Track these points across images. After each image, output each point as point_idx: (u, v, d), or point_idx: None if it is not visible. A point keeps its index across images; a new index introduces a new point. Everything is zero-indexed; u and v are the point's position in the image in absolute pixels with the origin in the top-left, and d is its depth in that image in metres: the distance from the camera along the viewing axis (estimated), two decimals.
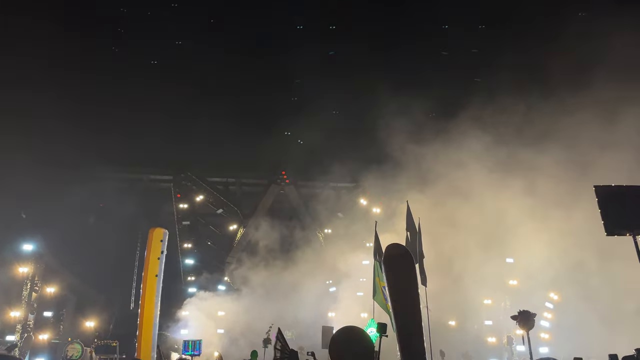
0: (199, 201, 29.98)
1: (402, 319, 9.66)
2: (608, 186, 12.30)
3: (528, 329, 9.14)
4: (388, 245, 11.22)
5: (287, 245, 29.10)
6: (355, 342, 8.15)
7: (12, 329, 22.89)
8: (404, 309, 9.74)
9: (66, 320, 26.80)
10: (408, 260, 10.55)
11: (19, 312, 22.87)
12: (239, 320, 24.48)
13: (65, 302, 26.85)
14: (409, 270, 10.35)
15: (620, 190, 12.22)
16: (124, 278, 30.17)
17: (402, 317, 9.66)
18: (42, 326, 24.42)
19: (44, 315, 24.86)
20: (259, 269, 26.92)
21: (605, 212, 11.81)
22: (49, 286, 24.65)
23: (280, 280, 25.64)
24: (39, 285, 24.08)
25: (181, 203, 29.42)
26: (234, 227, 30.61)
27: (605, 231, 11.49)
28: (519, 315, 9.29)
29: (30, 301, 23.54)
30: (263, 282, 26.23)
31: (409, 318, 9.58)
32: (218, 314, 26.20)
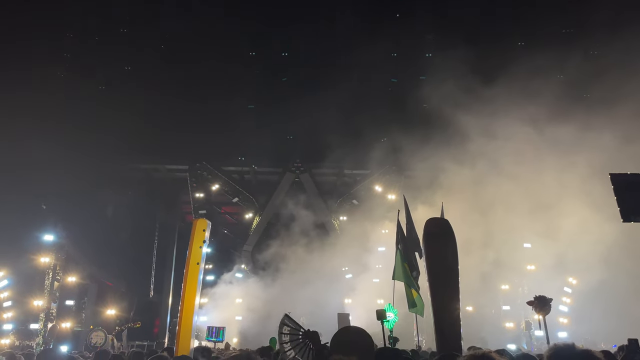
0: (215, 190, 30.18)
1: (440, 301, 9.18)
2: (624, 174, 12.44)
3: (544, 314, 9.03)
4: (428, 220, 10.51)
5: (302, 232, 29.21)
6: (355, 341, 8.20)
7: (35, 318, 23.47)
8: (443, 290, 9.23)
9: (88, 308, 27.38)
10: (450, 236, 9.78)
11: (42, 301, 23.41)
12: (256, 307, 24.75)
13: (86, 291, 27.42)
14: (450, 248, 9.65)
15: (636, 178, 12.39)
16: (143, 267, 30.67)
17: (441, 300, 9.17)
18: (65, 314, 25.01)
19: (66, 303, 25.46)
20: (275, 257, 27.13)
21: (621, 199, 11.91)
22: (70, 275, 25.19)
23: (296, 268, 25.81)
24: (60, 274, 24.61)
25: (197, 192, 29.65)
26: (250, 216, 30.81)
27: (622, 217, 11.56)
28: (535, 301, 9.16)
29: (52, 290, 24.07)
30: (279, 270, 26.44)
31: (449, 300, 9.06)
32: (236, 301, 26.52)
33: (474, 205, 21.08)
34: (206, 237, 9.93)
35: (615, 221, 16.54)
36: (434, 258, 9.71)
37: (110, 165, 28.94)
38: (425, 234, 10.11)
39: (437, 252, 9.66)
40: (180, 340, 9.13)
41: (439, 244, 9.69)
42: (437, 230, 9.87)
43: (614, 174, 12.19)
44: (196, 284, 9.65)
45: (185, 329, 9.28)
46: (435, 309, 9.33)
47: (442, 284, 9.35)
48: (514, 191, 21.30)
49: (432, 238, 9.88)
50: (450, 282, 9.31)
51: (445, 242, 9.64)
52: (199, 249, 9.83)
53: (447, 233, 9.76)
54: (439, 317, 9.17)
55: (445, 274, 9.39)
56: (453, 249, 9.61)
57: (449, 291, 9.25)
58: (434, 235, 9.87)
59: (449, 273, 9.37)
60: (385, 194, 28.92)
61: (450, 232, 9.81)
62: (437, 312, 9.26)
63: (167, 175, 31.89)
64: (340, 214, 30.10)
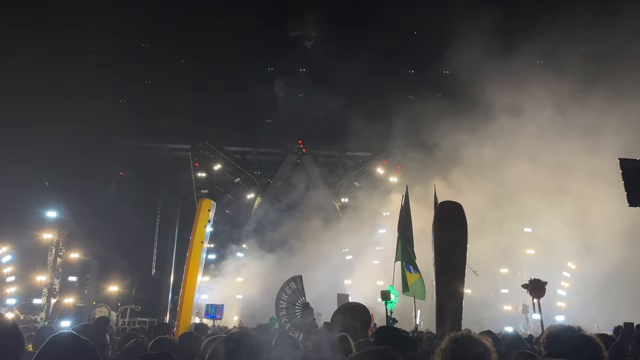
0: (217, 170, 30.23)
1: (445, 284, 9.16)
2: (633, 160, 12.41)
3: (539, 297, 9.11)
4: (441, 203, 10.36)
5: (303, 213, 29.33)
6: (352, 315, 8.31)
7: (38, 293, 23.75)
8: (448, 275, 9.20)
9: (90, 284, 27.68)
10: (461, 221, 9.63)
11: (45, 277, 23.67)
12: (256, 286, 24.98)
13: (89, 267, 27.67)
14: (461, 233, 9.51)
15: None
16: (145, 245, 30.90)
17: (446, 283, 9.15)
18: (67, 290, 25.29)
19: (68, 279, 25.72)
20: (276, 237, 27.29)
21: (628, 184, 11.88)
22: (73, 252, 25.40)
23: (297, 248, 25.98)
24: (63, 251, 24.83)
25: (199, 172, 29.71)
26: (252, 196, 30.90)
27: (628, 202, 11.55)
28: (530, 284, 9.22)
29: (55, 266, 24.32)
30: (280, 250, 26.62)
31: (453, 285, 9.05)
32: (237, 280, 26.77)
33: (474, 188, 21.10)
34: (211, 217, 9.99)
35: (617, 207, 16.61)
36: (443, 242, 9.62)
37: (112, 142, 28.97)
38: (437, 217, 10.04)
39: (447, 236, 9.58)
40: (182, 318, 9.25)
41: (450, 228, 9.61)
42: (449, 214, 9.78)
43: (624, 159, 12.13)
44: (199, 262, 9.75)
45: (186, 306, 9.39)
46: (438, 291, 9.31)
47: (448, 268, 9.35)
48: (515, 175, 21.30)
49: (443, 221, 9.78)
50: (456, 267, 9.31)
51: (456, 226, 9.57)
52: (204, 228, 9.91)
53: (459, 217, 9.65)
54: (442, 301, 9.18)
55: (452, 259, 9.37)
56: (463, 234, 9.54)
57: (454, 275, 9.26)
58: (445, 219, 9.78)
59: (456, 258, 9.36)
60: (387, 176, 28.95)
61: (462, 216, 9.70)
62: (440, 295, 9.25)
63: (169, 154, 31.91)
64: (341, 196, 30.18)
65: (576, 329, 3.30)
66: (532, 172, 21.24)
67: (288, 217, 29.06)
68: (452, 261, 9.34)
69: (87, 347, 2.83)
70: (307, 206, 30.23)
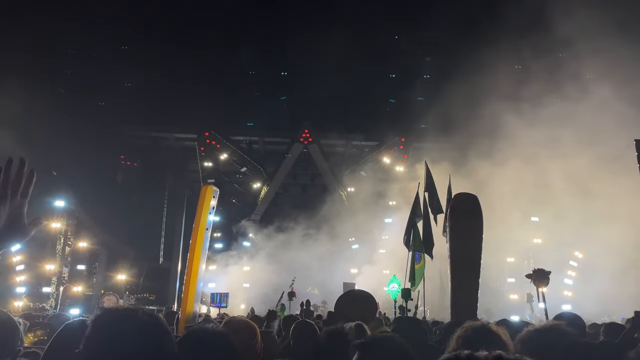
0: (223, 159, 30.26)
1: (460, 279, 9.07)
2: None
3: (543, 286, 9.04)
4: (456, 195, 10.18)
5: (310, 203, 29.35)
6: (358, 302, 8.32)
7: (48, 282, 23.99)
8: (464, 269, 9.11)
9: (99, 273, 27.94)
10: (477, 214, 9.41)
11: (54, 266, 23.88)
12: (263, 275, 25.12)
13: (97, 256, 27.91)
14: (476, 226, 9.33)
15: None
16: (152, 234, 31.09)
17: (460, 278, 9.07)
18: (76, 279, 25.55)
19: (77, 268, 25.96)
20: (282, 226, 27.36)
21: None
22: (82, 241, 25.61)
23: (303, 237, 26.05)
24: (71, 240, 25.03)
25: (206, 161, 29.75)
26: (258, 185, 30.95)
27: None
28: (533, 273, 9.15)
29: (64, 255, 24.53)
30: (287, 239, 26.70)
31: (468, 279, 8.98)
32: (243, 269, 26.91)
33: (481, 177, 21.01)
34: (214, 204, 9.91)
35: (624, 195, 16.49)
36: (459, 234, 9.50)
37: (119, 132, 29.06)
38: (452, 209, 9.93)
39: (463, 228, 9.46)
40: (187, 306, 9.29)
41: (466, 220, 9.46)
42: (464, 207, 9.63)
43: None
44: (202, 250, 9.73)
45: (190, 295, 9.41)
46: (453, 282, 9.21)
47: (464, 260, 9.24)
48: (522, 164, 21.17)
49: (459, 214, 9.64)
50: (472, 259, 9.19)
51: (472, 218, 9.41)
52: (207, 215, 9.84)
53: (475, 209, 9.48)
54: (457, 292, 9.07)
55: (469, 251, 9.26)
56: (479, 226, 9.40)
57: (470, 267, 9.15)
58: (461, 211, 9.64)
59: (472, 250, 9.24)
60: (393, 165, 28.88)
61: (478, 208, 9.53)
62: (456, 286, 9.12)
63: (175, 143, 31.98)
64: (348, 185, 30.16)
65: None
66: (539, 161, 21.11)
67: (294, 207, 29.11)
68: (468, 253, 9.23)
69: None
70: (313, 195, 30.24)
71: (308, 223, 26.75)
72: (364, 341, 2.34)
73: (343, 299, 8.71)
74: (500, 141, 22.04)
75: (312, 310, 16.84)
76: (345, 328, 4.34)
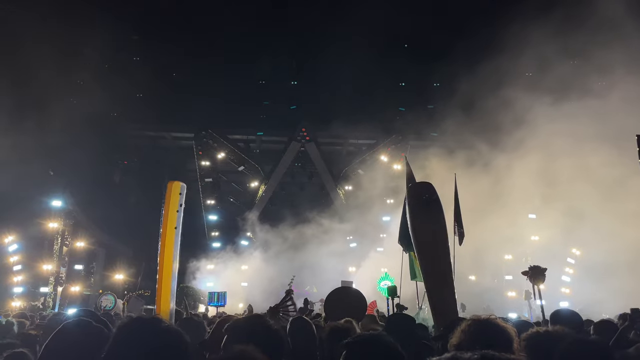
0: (221, 158, 30.22)
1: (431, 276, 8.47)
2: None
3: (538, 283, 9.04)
4: (411, 186, 9.58)
5: (307, 201, 29.34)
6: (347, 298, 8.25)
7: (45, 282, 23.94)
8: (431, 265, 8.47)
9: (96, 273, 27.89)
10: (435, 200, 8.67)
11: (51, 266, 23.83)
12: (261, 274, 25.10)
13: (94, 256, 27.86)
14: (435, 215, 8.61)
15: None
16: (150, 233, 31.01)
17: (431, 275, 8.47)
18: (74, 279, 25.50)
19: (75, 268, 25.91)
20: (280, 225, 27.34)
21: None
22: (79, 241, 25.57)
23: (301, 236, 26.04)
24: (69, 239, 24.97)
25: (203, 160, 29.71)
26: (256, 184, 30.93)
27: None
28: (529, 271, 9.13)
29: (61, 255, 24.48)
30: (284, 238, 26.69)
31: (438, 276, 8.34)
32: (241, 267, 26.90)
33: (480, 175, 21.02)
34: (181, 201, 9.75)
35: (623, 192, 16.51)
36: (419, 227, 8.82)
37: (116, 131, 28.98)
38: (409, 201, 9.33)
39: (422, 220, 8.79)
40: (162, 306, 9.20)
41: (424, 211, 8.75)
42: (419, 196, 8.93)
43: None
44: (172, 248, 9.58)
45: (164, 293, 9.30)
46: (426, 282, 8.66)
47: (429, 257, 8.66)
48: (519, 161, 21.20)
49: (415, 204, 8.93)
50: (437, 255, 8.54)
51: (429, 209, 8.68)
52: (175, 212, 9.69)
53: (432, 199, 8.74)
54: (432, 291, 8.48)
55: (432, 245, 8.61)
56: (439, 216, 8.72)
57: (437, 265, 8.51)
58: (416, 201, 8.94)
59: (435, 244, 8.58)
60: (390, 163, 28.89)
61: (435, 196, 8.81)
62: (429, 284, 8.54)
63: (172, 142, 31.94)
64: (345, 184, 30.16)
65: None
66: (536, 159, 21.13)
67: (292, 205, 29.11)
68: (434, 247, 8.58)
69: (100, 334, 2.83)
70: (311, 194, 30.24)
71: (306, 221, 26.75)
72: (351, 340, 2.32)
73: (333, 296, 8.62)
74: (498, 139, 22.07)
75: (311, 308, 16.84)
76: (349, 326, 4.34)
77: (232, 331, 2.64)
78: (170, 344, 1.84)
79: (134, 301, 21.63)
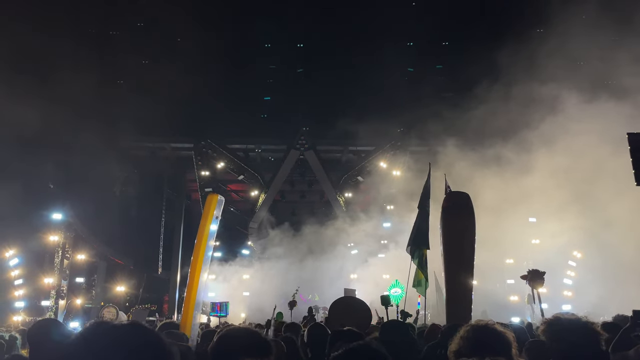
0: (220, 168, 30.27)
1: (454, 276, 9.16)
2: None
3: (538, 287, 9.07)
4: (448, 194, 10.30)
5: (308, 209, 29.34)
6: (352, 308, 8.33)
7: (46, 295, 23.88)
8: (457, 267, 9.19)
9: (98, 285, 27.82)
10: (469, 211, 9.48)
11: (52, 279, 23.77)
12: (263, 283, 25.07)
13: (96, 268, 27.81)
14: (469, 224, 9.38)
15: None
16: (150, 244, 31.01)
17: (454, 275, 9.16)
18: (75, 292, 25.43)
19: (76, 281, 25.84)
20: (281, 234, 27.34)
21: (636, 161, 11.29)
22: (80, 253, 25.51)
23: (302, 244, 26.03)
24: (70, 252, 24.92)
25: (203, 170, 29.76)
26: (255, 193, 30.95)
27: (636, 181, 10.96)
28: (528, 274, 9.18)
29: (62, 268, 24.42)
30: (285, 246, 26.69)
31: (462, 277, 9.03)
32: (243, 277, 26.86)
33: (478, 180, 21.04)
34: (218, 214, 9.80)
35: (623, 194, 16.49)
36: (451, 231, 9.56)
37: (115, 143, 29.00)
38: (444, 209, 9.94)
39: (455, 225, 9.53)
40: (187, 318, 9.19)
41: (457, 217, 9.54)
42: (456, 204, 9.73)
43: (633, 133, 11.51)
44: (204, 261, 9.63)
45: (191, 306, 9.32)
46: (448, 282, 9.26)
47: (457, 258, 9.31)
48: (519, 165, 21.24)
49: (451, 211, 9.70)
50: (465, 256, 9.26)
51: (464, 215, 9.47)
52: (210, 225, 9.73)
53: (467, 206, 9.56)
54: (452, 291, 9.13)
55: (461, 248, 9.30)
56: (471, 223, 9.45)
57: (462, 268, 9.19)
58: (452, 208, 9.71)
59: (465, 247, 9.28)
60: (390, 170, 28.93)
61: (470, 205, 9.60)
62: (450, 286, 9.19)
63: (172, 153, 31.99)
64: (345, 191, 30.18)
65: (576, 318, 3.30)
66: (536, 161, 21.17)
67: (292, 214, 29.11)
68: (461, 250, 9.30)
69: None
70: (311, 202, 30.24)
71: (306, 229, 26.73)
72: (339, 353, 2.30)
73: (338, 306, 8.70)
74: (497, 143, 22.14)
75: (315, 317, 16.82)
76: None
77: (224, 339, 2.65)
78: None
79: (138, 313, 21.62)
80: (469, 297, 9.04)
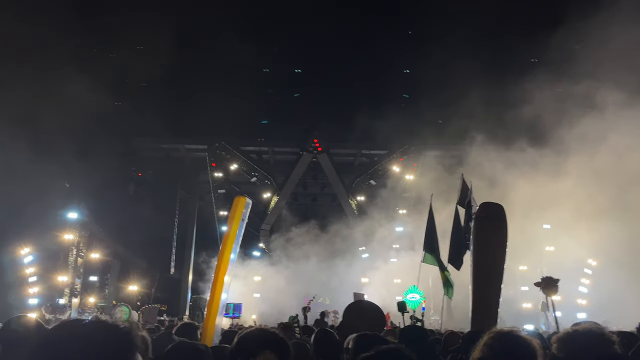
0: (234, 170, 30.40)
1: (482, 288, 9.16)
2: None
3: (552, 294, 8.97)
4: (481, 204, 10.33)
5: (320, 212, 29.32)
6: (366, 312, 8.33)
7: (60, 293, 24.15)
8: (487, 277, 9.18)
9: (111, 284, 28.07)
10: (503, 221, 9.48)
11: (66, 277, 24.04)
12: (273, 285, 25.07)
13: (109, 267, 28.06)
14: (500, 234, 9.40)
15: None
16: (164, 244, 31.24)
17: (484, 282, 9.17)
18: (89, 290, 25.71)
19: (89, 279, 26.11)
20: (292, 236, 27.34)
21: None
22: (94, 252, 25.79)
23: (313, 247, 26.00)
24: (84, 251, 25.20)
25: (216, 172, 29.91)
26: (268, 195, 31.01)
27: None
28: (542, 282, 9.09)
29: (76, 266, 24.69)
30: (297, 249, 26.68)
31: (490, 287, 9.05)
32: (254, 279, 26.89)
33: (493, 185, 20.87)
34: (245, 215, 9.81)
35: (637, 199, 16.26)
36: (483, 241, 9.59)
37: (131, 144, 29.32)
38: (477, 219, 10.06)
39: (488, 236, 9.56)
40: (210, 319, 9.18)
41: (491, 228, 9.55)
42: (490, 215, 9.74)
43: None
44: (229, 262, 9.64)
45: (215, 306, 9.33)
46: (476, 290, 9.26)
47: (488, 268, 9.30)
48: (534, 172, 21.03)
49: (485, 222, 9.75)
50: (496, 267, 9.25)
51: (497, 227, 9.47)
52: (238, 227, 9.73)
53: (501, 218, 9.56)
54: (478, 305, 9.11)
55: (493, 259, 9.30)
56: (504, 235, 9.46)
57: (494, 275, 9.21)
58: (486, 219, 9.74)
59: (497, 258, 9.28)
60: (403, 174, 28.81)
61: (504, 217, 9.58)
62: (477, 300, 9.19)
63: (186, 154, 32.21)
64: (357, 194, 30.11)
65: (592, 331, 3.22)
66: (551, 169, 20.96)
67: (304, 216, 29.10)
68: (492, 263, 9.26)
69: None
70: (323, 205, 30.22)
71: (318, 232, 26.70)
72: (369, 354, 2.29)
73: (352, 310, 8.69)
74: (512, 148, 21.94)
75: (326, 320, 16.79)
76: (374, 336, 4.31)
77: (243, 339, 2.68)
78: None
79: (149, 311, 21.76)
80: (496, 308, 8.95)
